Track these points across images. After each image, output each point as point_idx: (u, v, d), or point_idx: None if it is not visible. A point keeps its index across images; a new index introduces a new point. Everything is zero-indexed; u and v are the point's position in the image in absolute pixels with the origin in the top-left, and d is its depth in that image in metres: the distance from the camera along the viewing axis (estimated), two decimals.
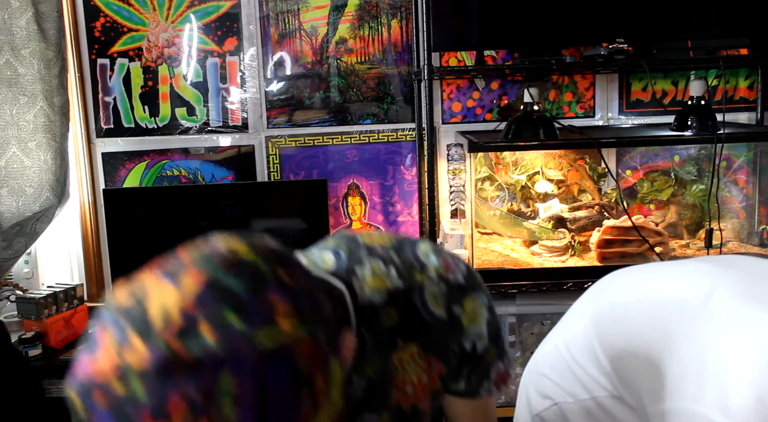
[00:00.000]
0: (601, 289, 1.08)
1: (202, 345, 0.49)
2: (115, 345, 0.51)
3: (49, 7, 2.25)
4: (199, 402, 0.48)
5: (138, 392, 0.48)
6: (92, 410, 0.50)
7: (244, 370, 0.48)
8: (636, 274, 1.05)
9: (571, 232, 2.19)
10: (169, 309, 0.50)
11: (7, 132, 2.29)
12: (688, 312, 0.88)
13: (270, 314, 0.51)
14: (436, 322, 0.81)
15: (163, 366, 0.48)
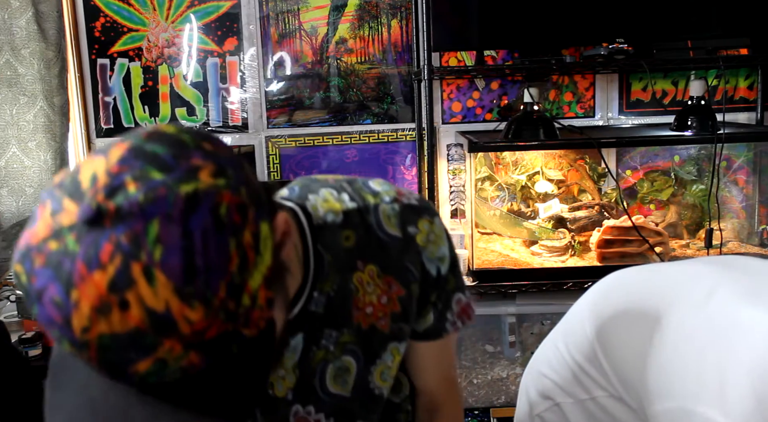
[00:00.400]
0: (602, 289, 1.08)
1: (127, 197, 0.51)
2: (50, 213, 0.53)
3: (49, 7, 2.25)
4: (129, 248, 0.49)
5: (71, 245, 0.50)
6: (32, 273, 0.52)
7: (168, 215, 0.50)
8: (636, 275, 1.05)
9: (571, 232, 2.19)
10: (97, 172, 0.53)
11: (7, 132, 2.29)
12: (688, 313, 0.88)
13: (193, 171, 0.53)
14: (392, 242, 0.83)
15: (92, 218, 0.50)
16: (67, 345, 0.52)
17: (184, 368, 0.54)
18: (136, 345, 0.51)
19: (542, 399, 1.11)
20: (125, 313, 0.49)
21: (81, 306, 0.50)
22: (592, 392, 1.02)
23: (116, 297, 0.49)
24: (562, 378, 1.07)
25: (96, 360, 0.52)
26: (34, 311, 0.52)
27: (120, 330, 0.50)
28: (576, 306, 1.11)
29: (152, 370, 0.53)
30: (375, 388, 0.85)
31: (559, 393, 1.08)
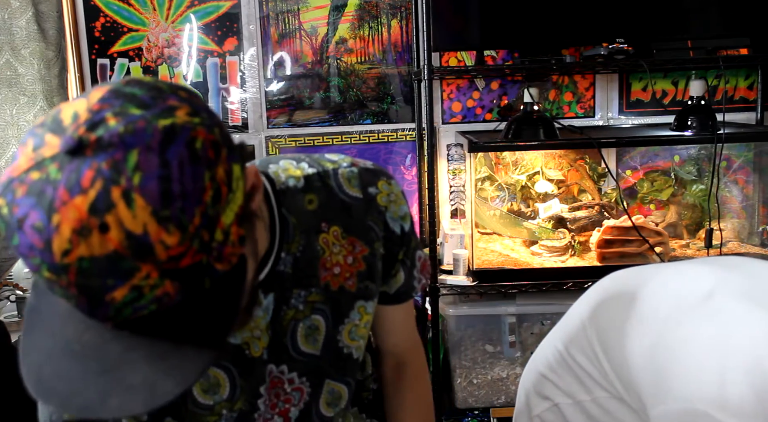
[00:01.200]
0: (601, 290, 1.08)
1: (108, 129, 0.53)
2: (32, 148, 0.54)
3: (49, 7, 2.25)
4: (110, 174, 0.51)
5: (53, 173, 0.52)
6: (13, 203, 0.53)
7: (147, 145, 0.53)
8: (636, 275, 1.05)
9: (571, 232, 2.19)
10: (78, 110, 0.55)
11: (7, 132, 2.29)
12: (687, 313, 0.88)
13: (169, 110, 0.56)
14: (355, 202, 0.86)
15: (74, 148, 0.52)
16: (46, 272, 0.53)
17: (159, 298, 0.55)
18: (114, 269, 0.52)
19: (541, 400, 1.11)
20: (105, 236, 0.51)
21: (62, 230, 0.51)
22: (594, 392, 1.02)
23: (96, 219, 0.51)
24: (562, 378, 1.07)
25: (74, 286, 0.53)
26: (15, 242, 0.54)
27: (99, 253, 0.51)
28: (575, 307, 1.11)
29: (128, 299, 0.54)
30: (344, 347, 0.88)
31: (559, 394, 1.08)
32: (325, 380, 0.89)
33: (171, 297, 0.56)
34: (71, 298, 0.55)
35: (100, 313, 0.56)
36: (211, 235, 0.56)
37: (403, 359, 1.01)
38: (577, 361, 1.04)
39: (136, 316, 0.56)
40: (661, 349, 0.88)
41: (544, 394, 1.10)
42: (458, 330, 2.21)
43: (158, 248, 0.53)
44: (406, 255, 0.91)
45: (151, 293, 0.55)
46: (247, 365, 0.83)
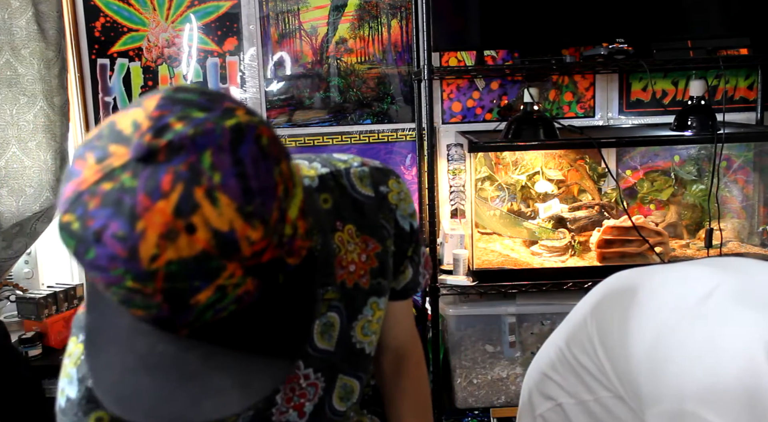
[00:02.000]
0: (603, 291, 1.08)
1: (176, 133, 0.52)
2: (95, 161, 0.53)
3: (49, 7, 2.25)
4: (189, 175, 0.51)
5: (127, 182, 0.51)
6: (87, 216, 0.52)
7: (218, 145, 0.53)
8: (638, 276, 1.05)
9: (571, 232, 2.19)
10: (137, 119, 0.54)
11: (7, 132, 2.29)
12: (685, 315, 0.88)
13: (230, 111, 0.56)
14: (367, 201, 0.87)
15: (145, 155, 0.52)
16: (130, 281, 0.52)
17: (240, 297, 0.56)
18: (201, 270, 0.52)
19: (544, 400, 1.11)
20: (192, 237, 0.51)
21: (147, 236, 0.50)
22: (597, 393, 1.02)
23: (182, 221, 0.51)
24: (565, 378, 1.07)
25: (160, 293, 0.53)
26: (90, 256, 0.53)
27: (187, 255, 0.51)
28: (578, 307, 1.11)
29: (212, 300, 0.54)
30: (357, 342, 0.89)
31: (562, 394, 1.08)
32: (339, 375, 0.89)
33: (250, 296, 0.56)
34: (152, 308, 0.54)
35: (180, 319, 0.55)
36: (283, 231, 0.56)
37: (402, 353, 1.03)
38: (579, 361, 1.04)
39: (215, 319, 0.56)
40: (658, 350, 0.88)
41: (547, 394, 1.10)
42: (458, 330, 2.21)
43: (243, 244, 0.53)
44: (414, 251, 0.93)
45: (234, 292, 0.55)
46: None
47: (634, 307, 0.97)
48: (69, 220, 0.53)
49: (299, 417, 0.87)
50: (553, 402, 1.09)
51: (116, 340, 0.60)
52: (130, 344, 0.59)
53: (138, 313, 0.56)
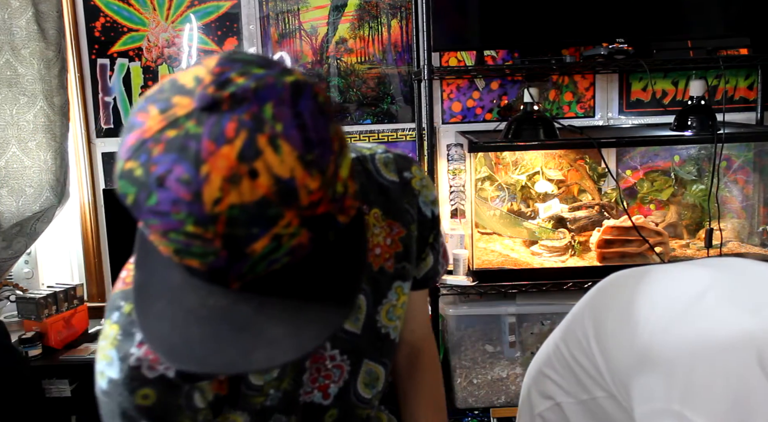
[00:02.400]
0: (601, 290, 1.08)
1: (239, 86, 0.54)
2: (159, 111, 0.55)
3: (49, 7, 2.25)
4: (252, 124, 0.53)
5: (192, 128, 0.53)
6: (150, 162, 0.53)
7: (280, 98, 0.55)
8: (635, 276, 1.05)
9: (571, 232, 2.19)
10: (199, 74, 0.56)
11: (7, 132, 2.29)
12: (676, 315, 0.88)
13: (288, 69, 0.58)
14: (392, 186, 0.88)
15: (210, 105, 0.53)
16: (191, 226, 0.53)
17: (294, 249, 0.56)
18: (261, 216, 0.53)
19: (543, 399, 1.11)
20: (254, 182, 0.52)
21: (212, 179, 0.52)
22: (593, 392, 1.02)
23: (246, 166, 0.52)
24: (563, 378, 1.08)
25: (220, 238, 0.53)
26: (151, 201, 0.54)
27: (249, 200, 0.52)
28: (577, 307, 1.12)
29: (267, 250, 0.55)
30: (382, 327, 0.89)
31: (560, 393, 1.08)
32: (364, 360, 0.90)
33: (304, 249, 0.57)
34: (209, 255, 0.55)
35: (235, 269, 0.56)
36: (336, 187, 0.58)
37: (418, 346, 1.03)
38: (576, 360, 1.05)
39: (267, 271, 0.57)
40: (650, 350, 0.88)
41: (546, 393, 1.11)
42: (458, 330, 2.21)
43: (302, 193, 0.54)
44: (435, 239, 0.94)
45: (288, 243, 0.56)
46: None
47: (628, 307, 0.97)
48: (131, 167, 0.54)
49: (324, 398, 0.88)
50: (551, 401, 1.09)
51: (165, 295, 0.61)
52: (180, 299, 0.60)
53: (193, 263, 0.57)
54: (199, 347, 0.58)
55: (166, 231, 0.55)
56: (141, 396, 0.70)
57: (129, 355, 0.70)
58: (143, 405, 0.70)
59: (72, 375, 2.15)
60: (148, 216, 0.55)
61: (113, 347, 0.71)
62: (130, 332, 0.70)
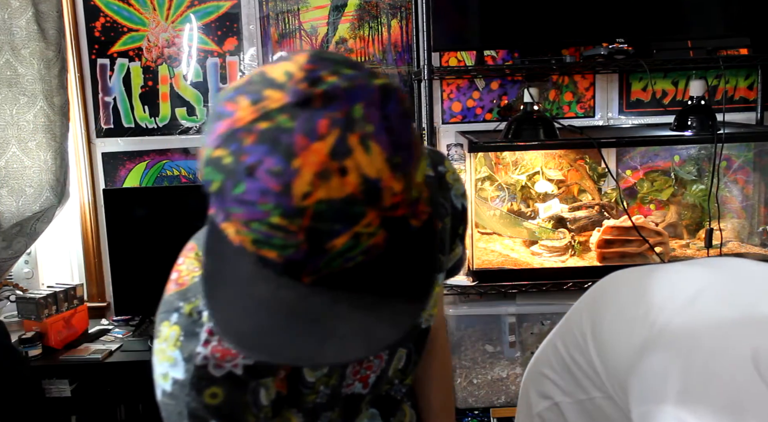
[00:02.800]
0: (599, 290, 1.08)
1: (330, 84, 0.55)
2: (250, 103, 0.55)
3: (49, 7, 2.25)
4: (344, 123, 0.53)
5: (284, 122, 0.53)
6: (241, 151, 0.54)
7: (370, 100, 0.55)
8: (633, 276, 1.05)
9: (571, 232, 2.19)
10: (290, 70, 0.56)
11: (7, 132, 2.29)
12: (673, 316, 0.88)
13: (375, 73, 0.59)
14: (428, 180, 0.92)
15: (302, 101, 0.54)
16: (277, 217, 0.54)
17: (369, 249, 0.57)
18: (345, 213, 0.54)
19: (542, 399, 1.11)
20: (344, 179, 0.53)
21: (303, 173, 0.52)
22: (590, 392, 1.02)
23: (336, 163, 0.53)
24: (561, 377, 1.08)
25: (304, 231, 0.54)
26: (239, 190, 0.54)
27: (336, 196, 0.53)
28: (575, 306, 1.12)
29: (345, 247, 0.56)
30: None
31: (558, 393, 1.08)
32: (398, 347, 0.91)
33: (378, 249, 0.58)
34: (289, 248, 0.55)
35: (312, 263, 0.57)
36: (413, 191, 0.59)
37: (432, 334, 1.05)
38: (574, 360, 1.05)
39: (341, 268, 0.58)
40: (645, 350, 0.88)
41: (545, 392, 1.11)
42: (458, 330, 2.21)
43: (386, 194, 0.55)
44: (464, 231, 0.97)
45: (366, 242, 0.56)
46: None
47: (625, 307, 0.97)
48: (220, 155, 0.55)
49: (363, 388, 0.90)
50: (550, 401, 1.09)
51: (236, 284, 0.61)
52: (251, 289, 0.60)
53: (269, 254, 0.57)
54: (270, 337, 0.58)
55: (249, 221, 0.55)
56: (209, 395, 0.71)
57: (195, 355, 0.70)
58: (212, 404, 0.71)
59: (72, 375, 2.15)
60: (232, 204, 0.55)
61: (176, 348, 0.71)
62: (194, 332, 0.70)
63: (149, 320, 2.40)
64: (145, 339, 2.24)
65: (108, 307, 2.52)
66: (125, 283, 2.37)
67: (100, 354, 2.14)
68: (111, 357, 2.15)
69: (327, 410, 0.87)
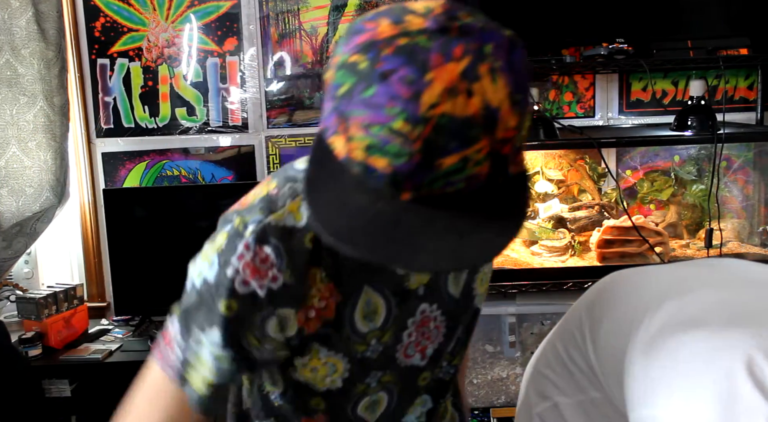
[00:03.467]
0: (597, 290, 1.08)
1: (466, 22, 0.60)
2: (391, 21, 0.60)
3: (49, 7, 2.25)
4: (476, 53, 0.58)
5: (423, 42, 0.58)
6: (378, 59, 0.58)
7: (499, 43, 0.61)
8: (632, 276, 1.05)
9: (571, 232, 2.19)
10: (429, 5, 0.61)
11: (7, 132, 2.29)
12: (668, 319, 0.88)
13: (503, 27, 0.64)
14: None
15: (441, 28, 0.58)
16: (401, 122, 0.57)
17: (471, 177, 0.61)
18: (462, 133, 0.58)
19: (541, 399, 1.11)
20: (469, 100, 0.57)
21: (434, 86, 0.57)
22: (589, 393, 1.02)
23: (465, 84, 0.57)
24: (560, 377, 1.08)
25: (421, 141, 0.57)
26: (368, 93, 0.58)
27: (459, 114, 0.57)
28: (574, 306, 1.12)
29: (452, 169, 0.59)
30: (475, 294, 0.95)
31: (557, 393, 1.08)
32: (458, 326, 0.93)
33: (479, 180, 0.61)
34: (403, 156, 0.58)
35: (418, 177, 0.60)
36: (521, 135, 0.63)
37: None
38: (573, 360, 1.04)
39: (440, 192, 0.61)
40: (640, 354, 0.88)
41: (544, 393, 1.10)
42: None
43: (501, 125, 0.59)
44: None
45: (471, 169, 0.60)
46: (404, 295, 0.86)
47: (621, 308, 0.97)
48: (356, 60, 0.59)
49: (422, 359, 0.91)
50: (549, 401, 1.09)
51: (335, 191, 0.64)
52: (350, 196, 0.63)
53: (379, 163, 0.60)
54: (366, 238, 0.61)
55: (371, 124, 0.59)
56: (225, 305, 0.74)
57: (228, 264, 0.73)
58: (223, 314, 0.74)
59: (72, 375, 2.15)
60: (357, 106, 0.59)
61: (216, 252, 0.74)
62: (235, 244, 0.74)
63: (149, 320, 2.40)
64: (145, 339, 2.24)
65: (108, 307, 2.52)
66: (125, 283, 2.37)
67: (100, 354, 2.14)
68: (111, 357, 2.15)
69: (378, 369, 0.87)
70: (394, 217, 0.61)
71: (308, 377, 0.84)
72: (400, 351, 0.88)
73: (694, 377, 0.78)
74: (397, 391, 0.91)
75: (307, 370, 0.83)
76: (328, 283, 0.78)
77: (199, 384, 0.78)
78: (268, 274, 0.74)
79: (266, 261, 0.73)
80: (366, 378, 0.87)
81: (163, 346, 0.80)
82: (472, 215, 0.63)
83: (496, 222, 0.64)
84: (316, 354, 0.82)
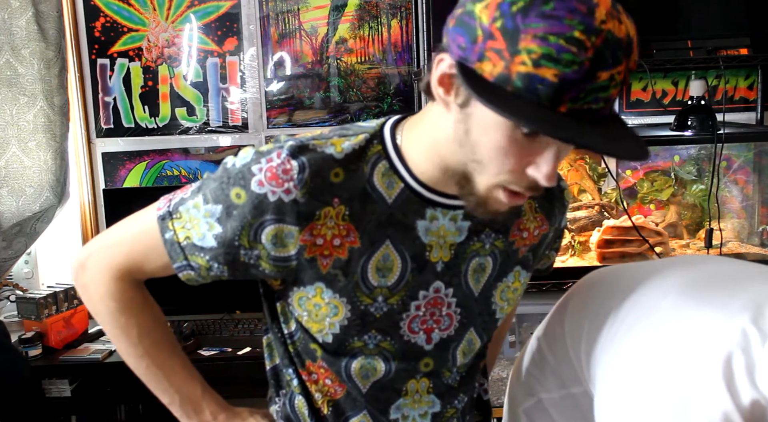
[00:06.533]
0: (578, 287, 1.09)
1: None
2: None
3: (49, 7, 2.25)
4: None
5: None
6: None
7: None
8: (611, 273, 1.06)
9: (571, 232, 2.19)
10: None
11: (7, 132, 2.29)
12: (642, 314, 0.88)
13: None
14: (551, 189, 0.97)
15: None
16: (578, 31, 0.66)
17: (608, 99, 0.70)
18: (617, 51, 0.68)
19: (526, 395, 1.12)
20: (620, 25, 0.69)
21: (601, 6, 0.68)
22: (570, 388, 1.03)
23: (616, 11, 0.70)
24: (543, 373, 1.08)
25: (594, 49, 0.67)
26: (548, 6, 0.66)
27: (616, 34, 0.68)
28: (558, 304, 1.12)
29: (603, 83, 0.68)
30: (493, 303, 0.95)
31: (540, 389, 1.09)
32: (472, 325, 0.94)
33: (611, 102, 0.71)
34: (575, 64, 0.66)
35: (579, 87, 0.67)
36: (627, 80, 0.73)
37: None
38: (556, 356, 1.05)
39: (584, 107, 0.68)
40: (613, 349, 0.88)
41: (529, 389, 1.11)
42: None
43: (633, 55, 0.72)
44: (559, 243, 1.08)
45: (611, 89, 0.69)
46: (422, 264, 0.88)
47: (599, 304, 0.97)
48: None
49: (426, 342, 0.91)
50: (534, 398, 1.10)
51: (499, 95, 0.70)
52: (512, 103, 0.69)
53: (547, 73, 0.66)
54: (545, 121, 0.68)
55: (548, 34, 0.66)
56: (235, 193, 0.81)
57: (257, 161, 0.81)
58: (230, 200, 0.82)
59: (72, 375, 2.15)
60: (535, 20, 0.66)
61: (256, 150, 0.83)
62: (273, 150, 0.81)
63: None
64: None
65: None
66: None
67: (100, 354, 2.14)
68: (111, 357, 2.15)
69: (378, 331, 0.88)
70: (556, 122, 0.68)
71: (310, 311, 0.87)
72: (405, 321, 0.89)
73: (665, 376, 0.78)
74: (396, 365, 0.91)
75: (310, 304, 0.87)
76: (347, 223, 0.82)
77: (179, 232, 0.86)
78: (284, 185, 0.79)
79: (287, 173, 0.79)
80: (363, 335, 0.88)
81: (173, 193, 0.91)
82: (616, 130, 0.72)
83: (633, 139, 0.73)
84: (320, 292, 0.85)
